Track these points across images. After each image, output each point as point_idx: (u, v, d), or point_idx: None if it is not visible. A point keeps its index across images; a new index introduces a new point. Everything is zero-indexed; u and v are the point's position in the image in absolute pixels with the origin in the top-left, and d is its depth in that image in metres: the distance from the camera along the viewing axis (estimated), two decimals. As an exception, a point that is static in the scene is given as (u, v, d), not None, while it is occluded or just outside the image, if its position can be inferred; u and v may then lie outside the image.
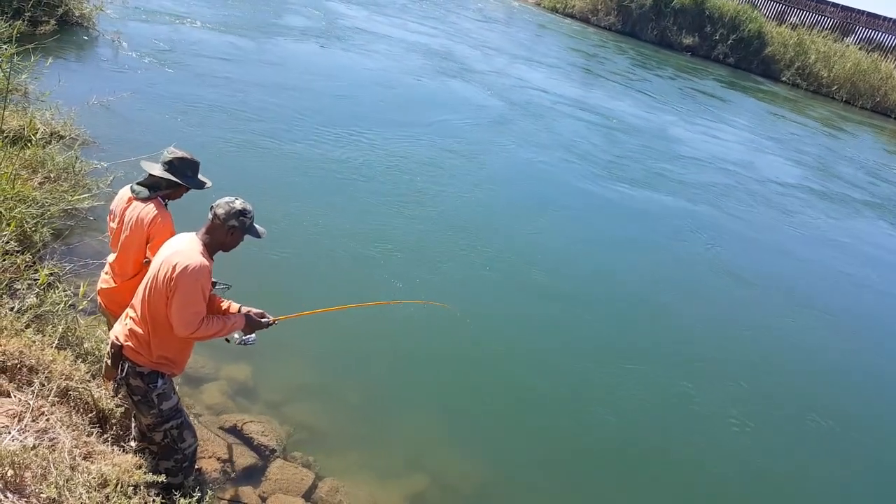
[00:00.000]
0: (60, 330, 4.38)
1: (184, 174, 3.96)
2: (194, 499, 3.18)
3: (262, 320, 3.88)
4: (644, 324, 7.97)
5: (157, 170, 3.92)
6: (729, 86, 25.57)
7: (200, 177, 4.08)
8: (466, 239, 8.47)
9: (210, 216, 3.56)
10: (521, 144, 12.63)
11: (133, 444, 3.88)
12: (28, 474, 2.81)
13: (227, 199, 3.59)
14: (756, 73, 29.98)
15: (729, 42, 29.94)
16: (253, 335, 3.92)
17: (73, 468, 2.97)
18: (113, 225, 4.09)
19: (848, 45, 30.90)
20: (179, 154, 3.97)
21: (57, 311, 4.73)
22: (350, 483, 5.05)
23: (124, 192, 4.07)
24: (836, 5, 33.59)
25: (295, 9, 18.49)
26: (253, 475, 4.74)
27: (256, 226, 3.70)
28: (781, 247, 11.34)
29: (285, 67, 13.15)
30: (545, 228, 9.55)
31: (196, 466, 4.30)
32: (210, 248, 3.56)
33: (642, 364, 7.12)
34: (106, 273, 4.19)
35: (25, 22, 8.25)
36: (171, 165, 3.93)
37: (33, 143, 6.64)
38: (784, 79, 30.15)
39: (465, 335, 6.72)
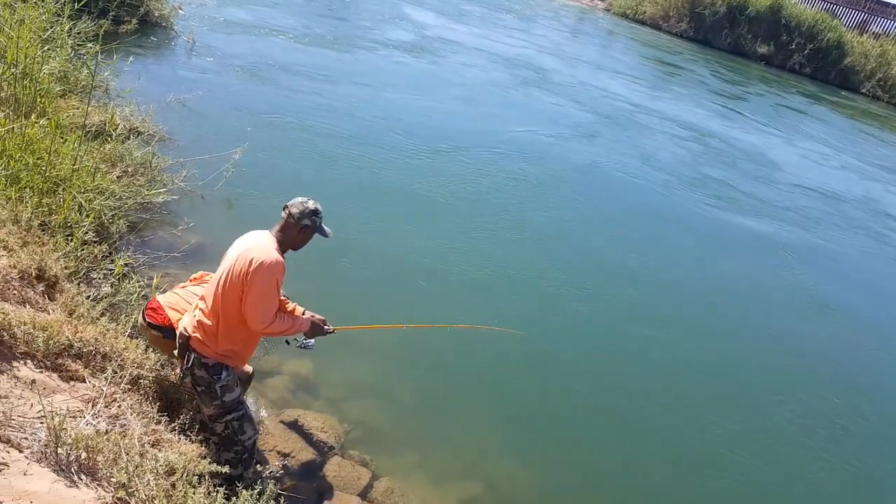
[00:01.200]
0: (133, 319, 4.52)
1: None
2: (256, 491, 3.22)
3: (325, 328, 3.99)
4: (723, 348, 7.66)
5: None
6: (814, 100, 24.65)
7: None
8: (546, 261, 8.20)
9: (284, 215, 3.65)
10: (605, 160, 12.31)
11: (198, 437, 3.97)
12: (100, 458, 2.90)
13: (300, 198, 3.69)
14: (834, 84, 28.87)
15: (806, 52, 28.92)
16: (312, 340, 4.02)
17: (142, 455, 3.05)
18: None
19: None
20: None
21: (130, 300, 4.90)
22: (405, 484, 5.06)
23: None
24: (924, 13, 32.18)
25: (367, 16, 18.71)
26: (311, 471, 4.80)
27: (325, 226, 3.78)
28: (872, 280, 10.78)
29: (358, 75, 13.23)
30: (630, 250, 9.17)
31: (256, 459, 4.38)
32: (282, 246, 3.65)
33: (716, 388, 6.93)
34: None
35: (109, 21, 8.57)
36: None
37: (113, 138, 6.89)
38: (864, 90, 28.96)
39: (532, 351, 6.63)
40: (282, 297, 4.01)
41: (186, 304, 4.02)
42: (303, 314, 4.01)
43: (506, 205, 9.35)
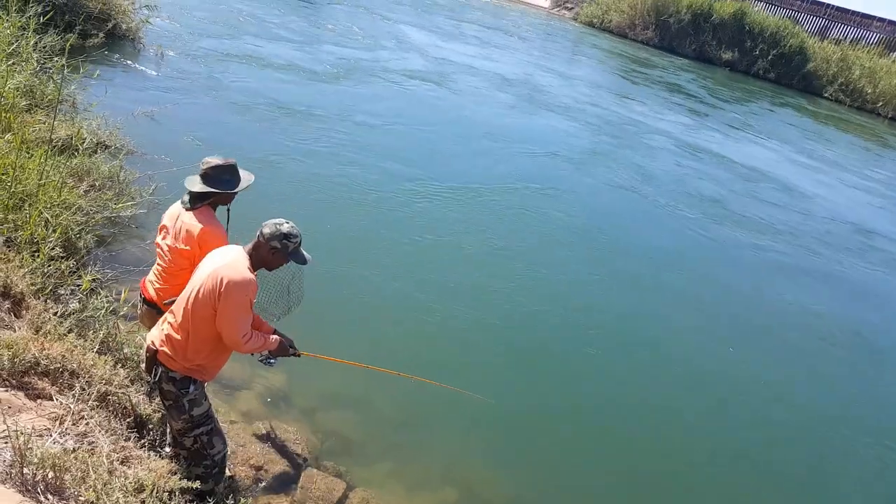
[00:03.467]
0: (101, 335, 4.48)
1: (221, 181, 4.04)
2: (227, 505, 3.21)
3: (290, 350, 4.01)
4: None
5: (198, 185, 4.01)
6: (778, 104, 25.13)
7: (242, 172, 4.14)
8: (541, 316, 7.65)
9: (257, 233, 3.63)
10: (599, 179, 12.23)
11: (168, 449, 3.95)
12: (68, 476, 2.87)
13: (276, 220, 3.66)
14: (797, 89, 29.46)
15: (769, 57, 29.50)
16: (275, 359, 4.03)
17: (110, 472, 3.03)
18: (161, 239, 4.18)
19: (895, 61, 30.25)
20: (213, 163, 4.04)
21: (98, 316, 4.85)
22: (381, 494, 5.07)
23: (175, 207, 4.17)
24: (882, 20, 32.94)
25: (333, 24, 18.75)
26: (285, 483, 4.78)
27: (304, 252, 3.75)
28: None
29: (326, 84, 13.28)
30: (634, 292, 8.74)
31: (229, 473, 4.36)
32: (254, 264, 3.63)
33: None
34: (155, 277, 4.25)
35: (76, 35, 8.50)
36: (207, 177, 4.02)
37: (80, 152, 6.83)
38: (826, 95, 29.59)
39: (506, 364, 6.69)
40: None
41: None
42: (273, 332, 4.01)
43: (501, 241, 8.98)
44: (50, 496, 2.75)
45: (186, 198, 4.10)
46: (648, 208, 11.55)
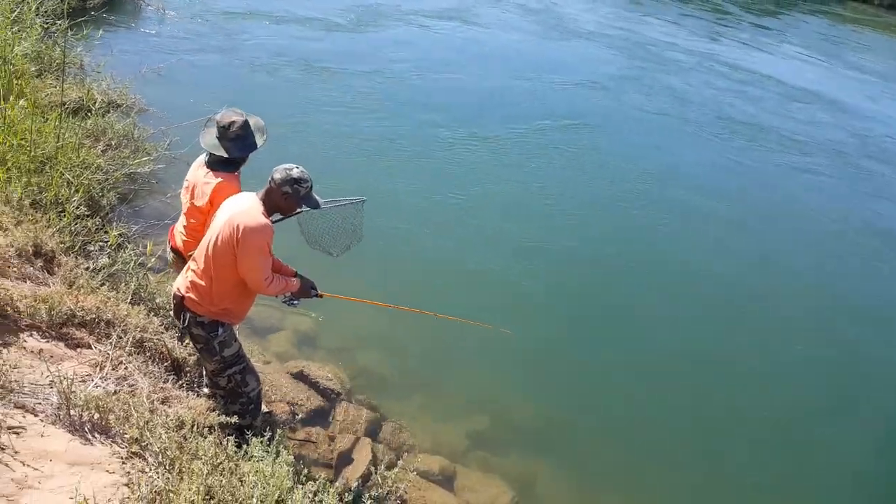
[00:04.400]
0: (133, 287, 4.64)
1: (247, 144, 4.08)
2: (265, 438, 3.37)
3: (312, 291, 4.07)
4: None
5: (221, 150, 4.04)
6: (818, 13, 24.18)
7: (251, 119, 4.16)
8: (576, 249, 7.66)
9: (268, 179, 3.68)
10: (633, 107, 11.96)
11: (205, 390, 4.12)
12: (112, 417, 3.04)
13: (286, 165, 3.68)
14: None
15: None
16: (298, 300, 4.11)
17: (151, 411, 3.19)
18: (184, 195, 4.26)
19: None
20: (237, 122, 4.03)
21: (128, 269, 4.99)
22: (413, 423, 5.27)
23: (198, 162, 4.22)
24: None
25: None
26: (321, 416, 4.98)
27: (315, 196, 3.79)
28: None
29: (338, 31, 13.02)
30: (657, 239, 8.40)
31: (266, 410, 4.55)
32: (268, 209, 3.69)
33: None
34: (182, 229, 4.35)
35: (77, -4, 8.49)
36: (235, 140, 4.04)
37: (93, 112, 6.90)
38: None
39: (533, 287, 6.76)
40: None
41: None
42: (294, 275, 4.09)
43: (522, 187, 8.81)
44: (97, 434, 2.92)
45: (203, 157, 4.16)
46: (689, 136, 11.36)
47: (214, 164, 4.11)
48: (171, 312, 3.97)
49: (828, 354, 6.99)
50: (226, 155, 4.04)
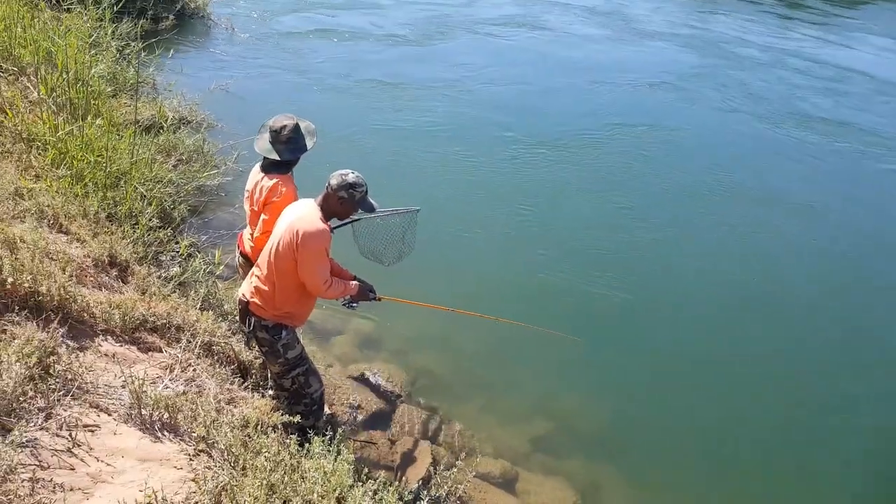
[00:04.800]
0: (202, 294, 4.84)
1: (298, 147, 4.24)
2: (327, 437, 3.45)
3: (370, 294, 4.17)
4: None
5: (274, 153, 4.22)
6: None
7: (304, 127, 4.31)
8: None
9: (326, 185, 3.80)
10: (705, 108, 11.65)
11: (271, 392, 4.25)
12: (180, 416, 3.18)
13: (342, 171, 3.81)
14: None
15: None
16: (357, 303, 4.21)
17: (217, 411, 3.32)
18: (245, 203, 4.44)
19: None
20: (288, 125, 4.22)
21: (197, 277, 5.22)
22: (474, 427, 5.28)
23: (255, 170, 4.41)
24: None
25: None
26: (381, 419, 5.06)
27: (371, 200, 3.90)
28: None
29: (404, 47, 13.19)
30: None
31: (328, 411, 4.66)
32: (326, 214, 3.81)
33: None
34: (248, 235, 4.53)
35: (148, 20, 8.89)
36: (288, 142, 4.22)
37: (165, 129, 7.22)
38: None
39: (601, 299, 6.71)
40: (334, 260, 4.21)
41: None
42: (353, 279, 4.20)
43: (590, 193, 8.63)
44: (166, 432, 3.06)
45: (258, 164, 4.34)
46: (764, 136, 10.94)
47: (269, 167, 4.28)
48: (237, 317, 4.13)
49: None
50: (278, 158, 4.18)
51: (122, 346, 3.66)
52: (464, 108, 10.48)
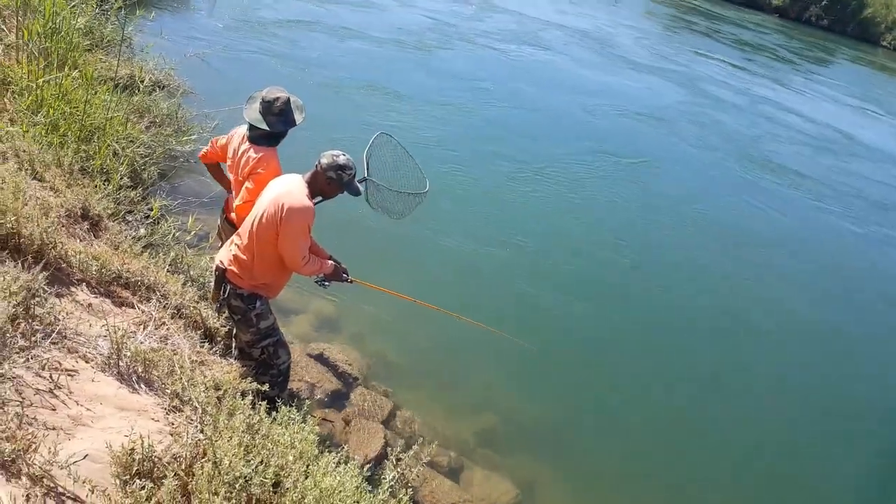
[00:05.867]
0: (171, 257, 4.83)
1: (289, 120, 4.29)
2: (293, 407, 3.53)
3: (343, 275, 4.26)
4: None
5: (262, 123, 4.24)
6: (832, 53, 24.38)
7: (293, 101, 4.35)
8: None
9: (315, 163, 3.88)
10: (668, 142, 12.01)
11: (236, 363, 4.29)
12: (156, 371, 3.22)
13: (333, 152, 3.90)
14: (852, 37, 28.50)
15: (822, 3, 28.49)
16: (329, 282, 4.30)
17: (192, 370, 3.37)
18: (231, 175, 4.48)
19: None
20: (282, 97, 4.26)
21: (166, 241, 5.20)
22: (424, 414, 5.42)
23: (239, 135, 4.43)
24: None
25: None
26: (337, 399, 5.15)
27: (357, 184, 3.99)
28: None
29: (380, 31, 13.24)
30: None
31: (289, 388, 4.72)
32: (312, 192, 3.88)
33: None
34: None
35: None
36: (280, 114, 4.26)
37: (140, 90, 7.13)
38: (884, 43, 28.62)
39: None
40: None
41: None
42: (329, 258, 4.28)
43: (566, 211, 8.91)
44: (143, 385, 3.10)
45: (241, 132, 4.35)
46: (734, 174, 11.43)
47: (257, 138, 4.30)
48: (211, 283, 4.17)
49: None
50: (268, 129, 4.22)
51: (97, 297, 3.67)
52: (446, 116, 10.61)
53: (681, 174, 11.04)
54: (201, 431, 2.87)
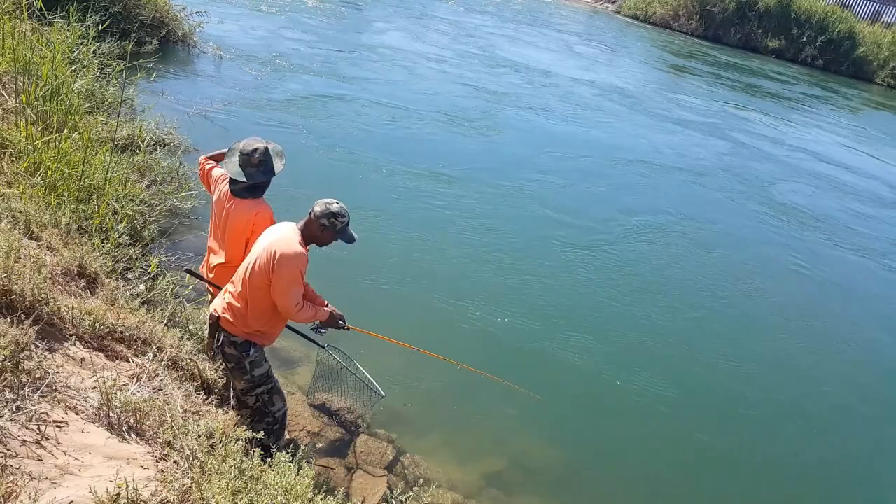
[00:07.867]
0: (168, 311, 4.85)
1: (269, 169, 4.33)
2: (289, 454, 3.48)
3: (339, 322, 4.26)
4: None
5: (244, 176, 4.28)
6: (829, 91, 24.65)
7: (272, 149, 4.39)
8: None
9: (309, 211, 3.92)
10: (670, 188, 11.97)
11: (232, 411, 4.25)
12: (147, 421, 3.19)
13: (327, 199, 3.94)
14: (846, 75, 28.81)
15: (817, 44, 28.89)
16: (325, 329, 4.32)
17: (184, 419, 3.33)
18: (213, 222, 4.53)
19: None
20: (260, 148, 4.30)
21: (164, 296, 5.23)
22: (429, 460, 5.32)
23: (223, 188, 4.48)
24: (936, 0, 32.05)
25: (381, 21, 19.06)
26: (340, 448, 5.07)
27: (351, 231, 4.01)
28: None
29: (379, 86, 13.41)
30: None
31: (288, 436, 4.67)
32: (306, 239, 3.91)
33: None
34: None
35: (132, 43, 8.98)
36: (260, 165, 4.30)
37: (141, 149, 7.26)
38: (878, 80, 28.91)
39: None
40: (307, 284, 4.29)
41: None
42: (325, 305, 4.28)
43: (565, 262, 8.70)
44: (134, 435, 3.06)
45: (227, 187, 4.39)
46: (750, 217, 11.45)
47: (239, 192, 4.32)
48: (206, 333, 4.17)
49: None
50: (247, 181, 4.25)
51: (90, 351, 3.67)
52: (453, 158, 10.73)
53: (703, 226, 10.86)
54: (190, 476, 2.83)
